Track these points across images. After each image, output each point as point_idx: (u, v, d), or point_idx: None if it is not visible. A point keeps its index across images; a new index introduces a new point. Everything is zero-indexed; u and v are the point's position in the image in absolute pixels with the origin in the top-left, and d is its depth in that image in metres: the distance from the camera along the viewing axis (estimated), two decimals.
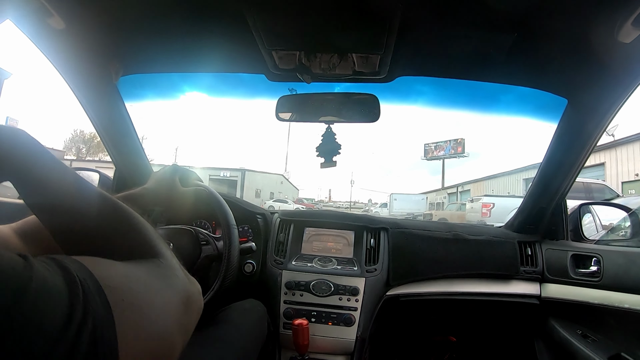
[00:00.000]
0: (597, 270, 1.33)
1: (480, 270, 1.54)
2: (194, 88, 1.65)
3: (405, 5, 0.93)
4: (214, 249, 1.17)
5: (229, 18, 1.05)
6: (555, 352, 1.50)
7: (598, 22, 0.91)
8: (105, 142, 1.56)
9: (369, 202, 42.33)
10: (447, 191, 31.00)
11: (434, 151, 34.67)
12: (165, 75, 1.46)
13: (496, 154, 77.54)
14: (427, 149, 35.30)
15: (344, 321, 1.41)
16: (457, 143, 33.06)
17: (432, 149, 34.84)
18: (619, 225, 1.67)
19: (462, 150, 32.80)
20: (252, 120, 79.24)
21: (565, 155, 1.38)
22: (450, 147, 33.38)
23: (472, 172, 60.20)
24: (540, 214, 1.58)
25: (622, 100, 1.12)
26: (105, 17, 1.07)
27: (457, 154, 33.10)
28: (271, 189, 37.37)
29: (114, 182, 1.71)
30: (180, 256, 1.12)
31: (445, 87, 1.47)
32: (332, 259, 1.56)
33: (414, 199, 29.84)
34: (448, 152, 33.48)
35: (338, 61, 1.18)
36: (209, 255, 1.16)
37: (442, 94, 1.54)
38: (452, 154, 33.27)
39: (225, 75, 1.45)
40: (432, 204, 29.83)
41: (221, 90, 1.60)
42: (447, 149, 33.56)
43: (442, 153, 33.96)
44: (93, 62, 1.23)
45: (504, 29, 1.03)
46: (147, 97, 1.65)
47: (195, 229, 1.20)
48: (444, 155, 33.70)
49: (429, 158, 35.22)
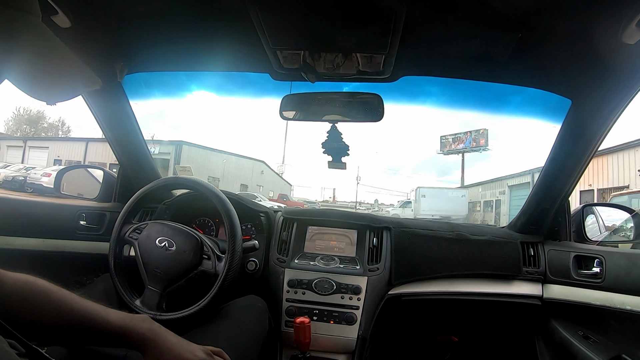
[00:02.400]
0: (600, 272, 1.33)
1: (483, 271, 1.54)
2: (200, 87, 1.66)
3: (409, 6, 0.93)
4: (212, 268, 1.18)
5: (234, 17, 1.05)
6: (557, 352, 1.50)
7: (602, 23, 0.91)
8: (110, 140, 1.57)
9: (375, 202, 39.20)
10: (507, 182, 22.64)
11: (452, 144, 29.98)
12: (170, 73, 1.47)
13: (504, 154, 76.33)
14: (444, 142, 30.52)
15: (345, 320, 1.42)
16: (479, 134, 28.23)
17: (450, 141, 30.07)
18: (622, 226, 1.67)
19: (485, 143, 28.00)
20: (257, 117, 79.26)
21: (568, 156, 1.37)
22: (472, 139, 28.70)
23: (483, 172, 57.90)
24: (543, 214, 1.57)
25: (626, 101, 1.12)
26: (111, 16, 1.08)
27: (478, 147, 28.44)
28: (244, 179, 29.82)
29: (118, 180, 1.72)
30: (180, 260, 1.15)
31: (450, 87, 1.47)
32: (335, 258, 1.57)
33: (450, 195, 23.90)
34: (469, 144, 28.93)
35: (342, 61, 1.18)
36: (206, 271, 1.17)
37: (447, 94, 1.54)
38: (474, 147, 28.70)
39: (230, 74, 1.46)
40: (475, 203, 25.13)
41: (226, 88, 1.61)
42: (467, 142, 29.01)
43: (461, 146, 29.41)
44: (98, 61, 1.24)
45: (508, 29, 1.03)
46: (152, 95, 1.66)
47: (201, 238, 1.20)
48: (464, 149, 29.14)
49: (447, 152, 30.56)
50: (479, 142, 28.12)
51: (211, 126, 77.78)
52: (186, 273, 1.15)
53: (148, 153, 1.68)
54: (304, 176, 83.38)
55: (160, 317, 1.07)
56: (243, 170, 30.43)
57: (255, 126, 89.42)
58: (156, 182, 1.32)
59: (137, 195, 1.29)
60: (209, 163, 26.69)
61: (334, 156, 1.34)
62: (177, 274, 1.15)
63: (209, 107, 63.11)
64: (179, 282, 1.15)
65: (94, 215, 1.62)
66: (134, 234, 1.21)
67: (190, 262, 1.16)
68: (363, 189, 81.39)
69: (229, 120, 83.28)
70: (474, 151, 28.92)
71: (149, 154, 1.69)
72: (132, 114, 1.51)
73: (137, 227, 1.23)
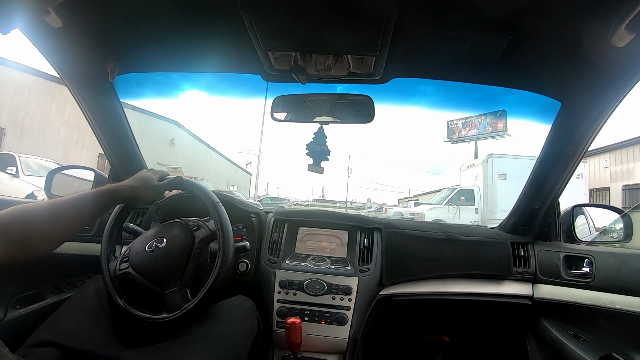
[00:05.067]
0: (589, 271, 1.34)
1: (473, 271, 1.55)
2: (192, 87, 1.66)
3: (400, 8, 0.94)
4: (206, 230, 1.16)
5: (225, 18, 1.05)
6: (547, 352, 1.51)
7: (591, 26, 0.92)
8: (101, 140, 1.57)
9: (367, 201, 37.04)
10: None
11: (462, 130, 24.31)
12: (161, 74, 1.46)
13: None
14: (453, 128, 24.84)
15: (336, 320, 1.42)
16: (496, 117, 21.91)
17: (460, 127, 24.35)
18: (612, 227, 1.68)
19: (504, 127, 21.89)
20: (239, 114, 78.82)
21: (558, 157, 1.38)
22: (486, 123, 22.78)
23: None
24: (533, 215, 1.58)
25: (614, 103, 1.13)
26: (103, 16, 1.08)
27: (495, 132, 22.50)
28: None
29: (110, 180, 1.71)
30: (175, 245, 1.13)
31: (442, 88, 1.48)
32: (326, 259, 1.57)
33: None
34: (483, 129, 23.13)
35: (333, 62, 1.19)
36: (203, 237, 1.16)
37: (438, 95, 1.55)
38: (490, 132, 22.78)
39: (222, 74, 1.46)
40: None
41: (217, 89, 1.61)
42: (481, 127, 23.19)
43: (473, 132, 23.77)
44: (90, 61, 1.24)
45: (498, 31, 1.04)
46: (144, 95, 1.65)
47: (183, 219, 1.20)
48: (477, 135, 23.45)
49: (455, 140, 24.88)
50: (496, 127, 22.31)
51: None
52: (188, 252, 1.13)
53: (139, 153, 1.68)
54: (294, 175, 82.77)
55: (191, 305, 1.05)
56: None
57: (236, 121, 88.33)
58: None
59: (110, 220, 1.25)
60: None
61: (315, 159, 1.34)
62: (180, 259, 1.11)
63: (198, 106, 62.57)
64: (187, 266, 1.11)
65: None
66: (123, 265, 1.15)
67: (186, 242, 1.13)
68: (356, 186, 79.54)
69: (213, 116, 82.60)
70: (490, 137, 22.98)
71: (140, 154, 1.68)
72: (123, 114, 1.51)
73: (122, 258, 1.17)
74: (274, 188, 44.45)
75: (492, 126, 22.21)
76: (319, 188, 43.52)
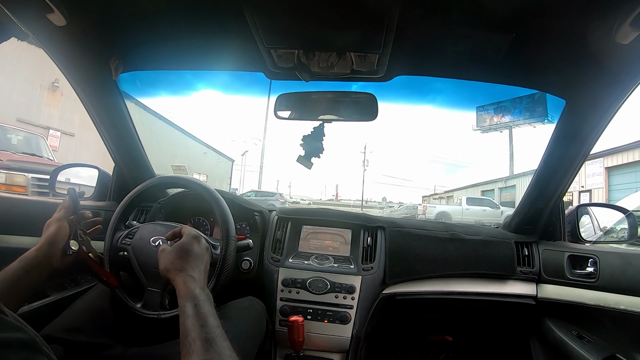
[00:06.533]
0: (594, 271, 1.33)
1: (477, 270, 1.55)
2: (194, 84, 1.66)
3: (403, 5, 0.93)
4: (220, 253, 1.14)
5: (228, 16, 1.05)
6: (551, 352, 1.51)
7: (596, 23, 0.91)
8: (105, 138, 1.57)
9: (382, 200, 32.67)
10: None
11: (494, 117, 21.12)
12: (164, 72, 1.47)
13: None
14: (482, 115, 21.51)
15: (339, 319, 1.42)
16: (534, 101, 18.15)
17: (491, 113, 21.02)
18: (616, 226, 1.67)
19: (544, 113, 17.86)
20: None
21: (562, 156, 1.37)
22: (523, 108, 19.56)
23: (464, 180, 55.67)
24: (537, 214, 1.57)
25: (620, 101, 1.12)
26: (106, 14, 1.08)
27: (534, 117, 19.03)
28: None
29: (113, 178, 1.72)
30: None
31: (445, 85, 1.47)
32: (329, 257, 1.57)
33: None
34: (519, 116, 19.89)
35: (336, 60, 1.18)
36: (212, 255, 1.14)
37: (443, 94, 1.55)
38: (527, 118, 19.66)
39: (225, 72, 1.46)
40: None
41: (220, 86, 1.61)
42: (515, 112, 19.89)
43: (507, 119, 20.62)
44: (93, 59, 1.24)
45: (502, 29, 1.03)
46: (148, 93, 1.66)
47: (210, 238, 1.18)
48: (511, 122, 20.23)
49: (485, 128, 21.46)
50: (535, 112, 18.87)
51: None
52: None
53: (143, 152, 1.68)
54: (307, 173, 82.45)
55: (164, 315, 1.06)
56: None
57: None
58: (151, 181, 1.31)
59: (132, 194, 1.27)
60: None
61: (307, 152, 1.33)
62: None
63: (197, 104, 62.40)
64: None
65: None
66: (126, 240, 1.17)
67: None
68: (372, 182, 74.48)
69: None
70: (528, 123, 19.76)
71: (144, 152, 1.68)
72: (127, 112, 1.51)
73: (129, 232, 1.19)
74: (285, 186, 43.26)
75: (530, 111, 19.35)
76: (332, 186, 41.54)
